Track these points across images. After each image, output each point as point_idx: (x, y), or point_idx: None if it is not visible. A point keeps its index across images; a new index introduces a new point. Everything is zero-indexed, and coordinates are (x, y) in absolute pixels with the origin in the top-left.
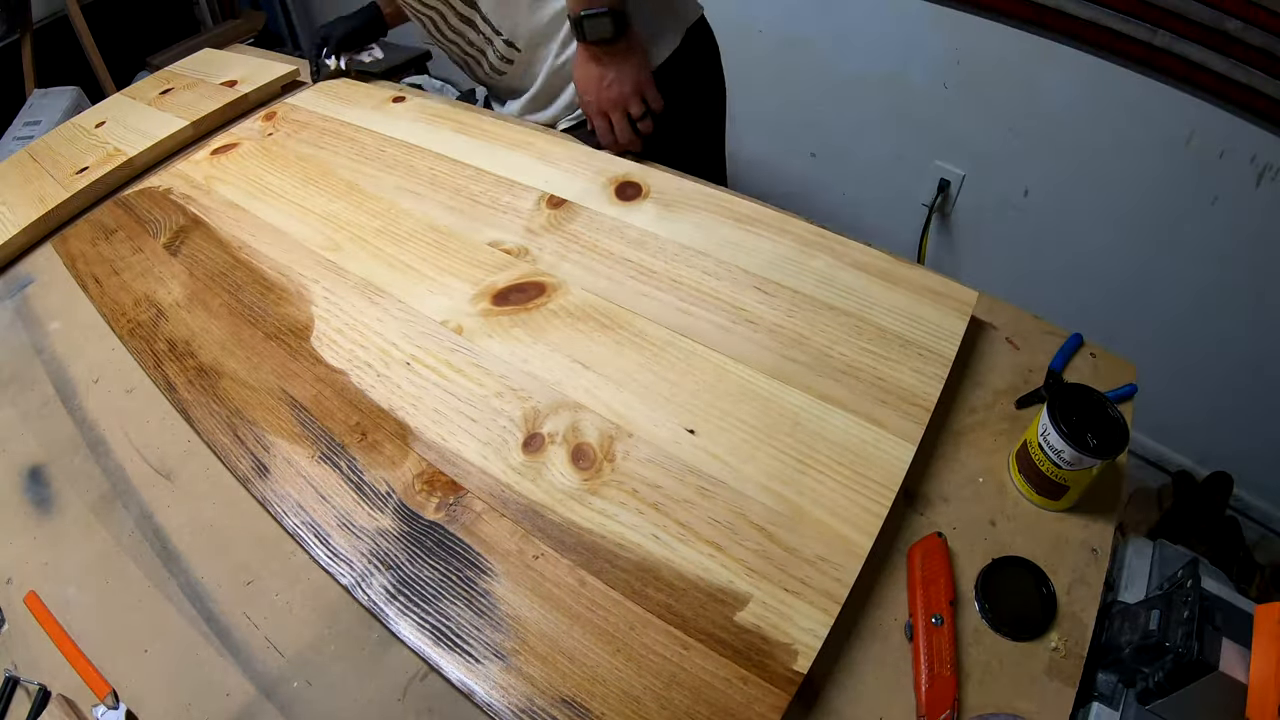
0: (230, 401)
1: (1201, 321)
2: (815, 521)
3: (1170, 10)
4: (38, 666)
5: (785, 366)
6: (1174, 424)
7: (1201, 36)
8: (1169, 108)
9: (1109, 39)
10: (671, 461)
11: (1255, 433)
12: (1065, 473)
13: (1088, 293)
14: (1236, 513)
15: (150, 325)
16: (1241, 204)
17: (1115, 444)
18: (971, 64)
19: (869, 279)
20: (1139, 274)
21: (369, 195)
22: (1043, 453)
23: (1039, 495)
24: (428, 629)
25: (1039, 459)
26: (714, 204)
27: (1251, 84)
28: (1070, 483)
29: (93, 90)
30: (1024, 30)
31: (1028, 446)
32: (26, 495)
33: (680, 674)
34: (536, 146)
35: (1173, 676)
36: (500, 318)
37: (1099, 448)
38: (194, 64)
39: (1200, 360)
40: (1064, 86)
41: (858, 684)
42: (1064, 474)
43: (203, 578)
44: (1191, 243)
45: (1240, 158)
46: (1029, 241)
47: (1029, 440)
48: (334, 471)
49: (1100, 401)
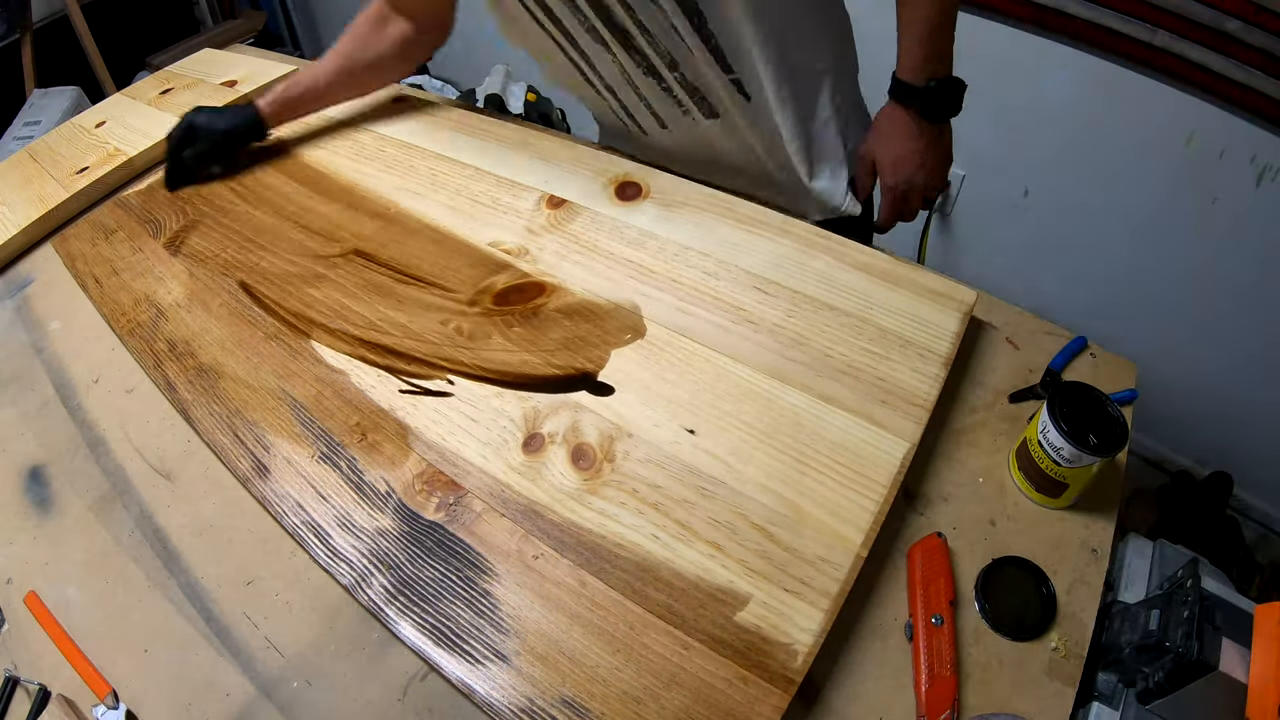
0: (230, 401)
1: (1201, 321)
2: (815, 521)
3: (1170, 10)
4: (38, 666)
5: (785, 366)
6: (1174, 424)
7: (1201, 36)
8: (1169, 108)
9: (1109, 39)
10: (671, 462)
11: (1255, 433)
12: (1065, 470)
13: (1087, 292)
14: (1236, 513)
15: (150, 325)
16: (1241, 204)
17: (1115, 442)
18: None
19: (869, 279)
20: (1139, 274)
21: (368, 195)
22: (1042, 450)
23: (1039, 493)
24: (428, 629)
25: (1038, 456)
26: (714, 204)
27: (1251, 84)
28: (1070, 480)
29: (93, 90)
30: (1024, 30)
31: (1028, 444)
32: (26, 495)
33: (680, 674)
34: (536, 147)
35: (1173, 676)
36: (500, 317)
37: (1099, 446)
38: (194, 64)
39: (1200, 360)
40: (1064, 86)
41: (858, 684)
42: (1064, 471)
43: (203, 578)
44: (1191, 243)
45: (1240, 158)
46: (1029, 241)
47: (1029, 438)
48: (334, 471)
49: (1100, 400)
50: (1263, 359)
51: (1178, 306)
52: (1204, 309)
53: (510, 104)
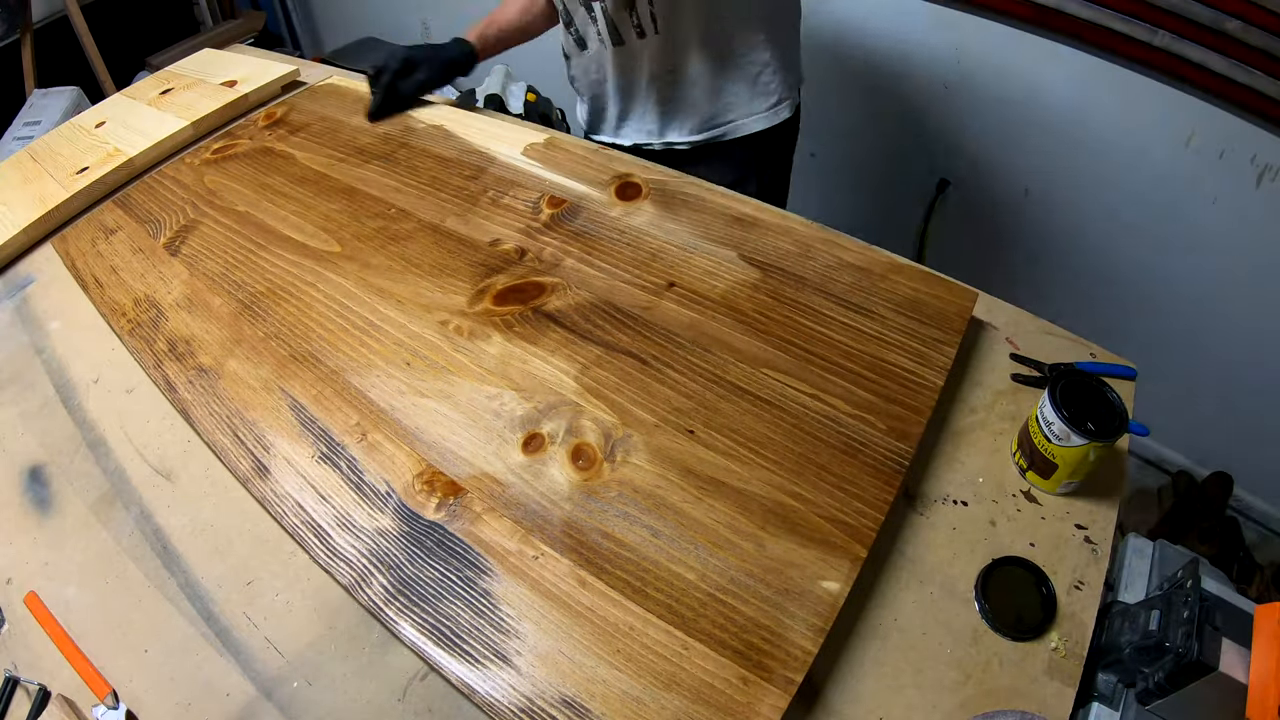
0: (230, 401)
1: (1201, 321)
2: (815, 521)
3: (1170, 10)
4: (38, 666)
5: (784, 365)
6: (1174, 424)
7: (1201, 36)
8: (1169, 108)
9: (1109, 39)
10: (671, 462)
11: (1255, 433)
12: (1055, 448)
13: (1087, 292)
14: (1236, 513)
15: (150, 325)
16: (1241, 204)
17: (1107, 429)
18: (971, 64)
19: (869, 277)
20: (1139, 274)
21: (369, 196)
22: (1038, 425)
23: (1032, 471)
24: (428, 629)
25: (1034, 431)
26: (713, 203)
27: (1251, 84)
28: (1059, 460)
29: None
30: (1024, 30)
31: (1028, 422)
32: (26, 495)
33: (680, 674)
34: (536, 147)
35: (1173, 677)
36: (500, 318)
37: (1088, 427)
38: (194, 64)
39: (1200, 360)
40: (1064, 86)
41: (858, 684)
42: (1053, 449)
43: (203, 578)
44: (1191, 243)
45: (1240, 158)
46: (1029, 241)
47: (1030, 416)
48: (334, 471)
49: (1100, 387)
50: (1263, 359)
51: (1178, 306)
52: (1204, 309)
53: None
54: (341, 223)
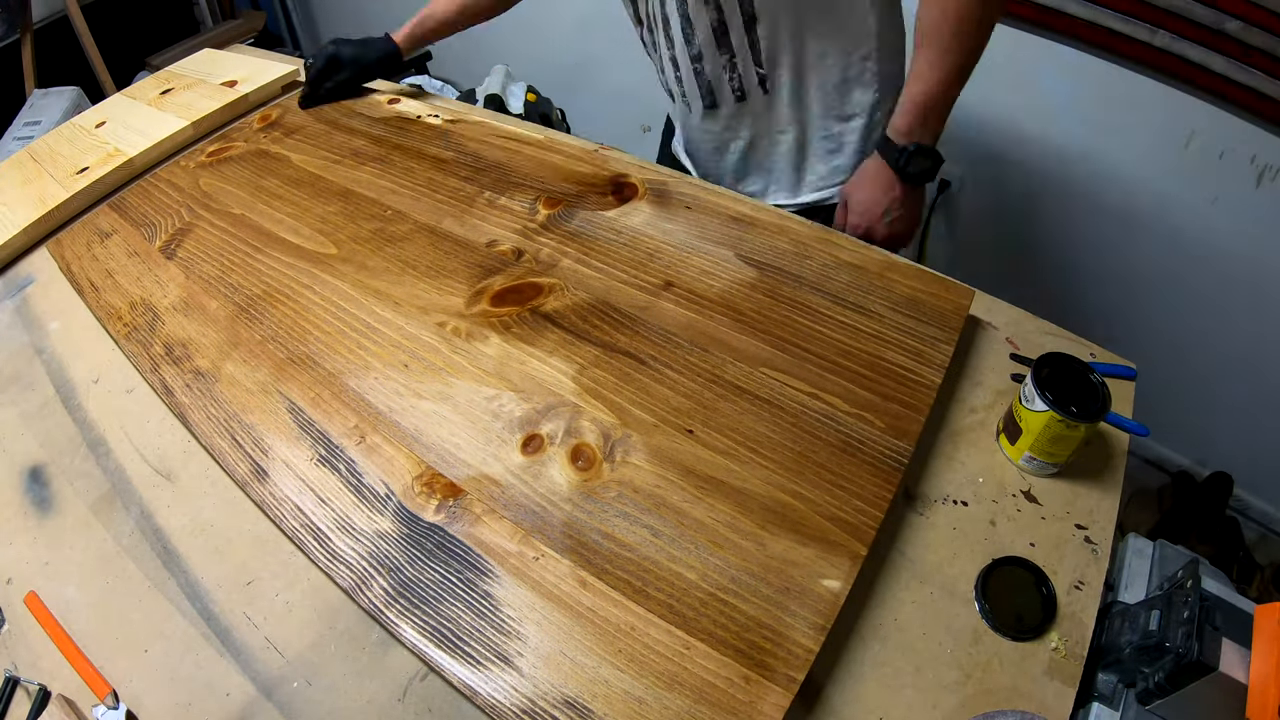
0: (228, 405)
1: (1201, 321)
2: (814, 521)
3: (1170, 10)
4: (38, 666)
5: (783, 364)
6: (1174, 424)
7: (1201, 36)
8: (1169, 108)
9: (1109, 39)
10: (670, 461)
11: (1255, 433)
12: (1023, 410)
13: (1087, 292)
14: (1236, 513)
15: (146, 329)
16: (1241, 204)
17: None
18: None
19: (868, 276)
20: (1139, 274)
21: (366, 197)
22: (1018, 399)
23: (1003, 435)
24: (429, 631)
25: (1014, 403)
26: (710, 203)
27: (1251, 84)
28: (1024, 426)
29: (93, 90)
30: (1024, 30)
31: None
32: (26, 495)
33: (682, 674)
34: (535, 147)
35: (1173, 677)
36: (498, 319)
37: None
38: (194, 64)
39: (1200, 360)
40: (1064, 86)
41: (858, 684)
42: (1021, 411)
43: (203, 578)
44: (1191, 243)
45: (1240, 158)
46: (1029, 241)
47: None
48: (333, 474)
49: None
50: (1262, 359)
51: (1177, 306)
52: (1203, 309)
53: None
54: (337, 225)
